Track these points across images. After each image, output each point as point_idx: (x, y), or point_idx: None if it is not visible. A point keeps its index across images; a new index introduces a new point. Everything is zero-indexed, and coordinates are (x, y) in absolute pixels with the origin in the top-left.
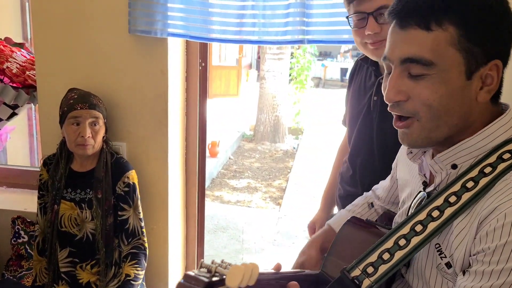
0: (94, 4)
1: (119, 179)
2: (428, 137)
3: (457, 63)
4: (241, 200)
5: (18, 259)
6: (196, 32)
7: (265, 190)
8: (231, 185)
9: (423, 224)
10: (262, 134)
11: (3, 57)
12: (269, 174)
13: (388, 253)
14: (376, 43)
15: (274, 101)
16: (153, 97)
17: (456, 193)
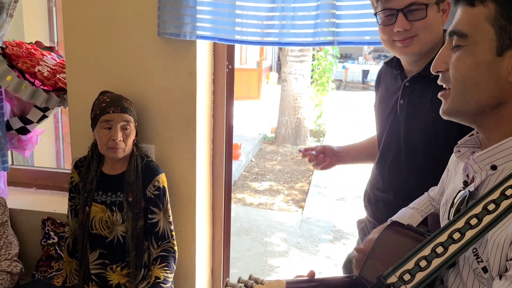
0: (123, 8)
1: (149, 182)
2: (456, 109)
3: (489, 38)
4: (264, 203)
5: (48, 259)
6: (224, 35)
7: (287, 193)
8: (253, 188)
9: (461, 232)
10: (284, 136)
11: (35, 61)
12: (291, 176)
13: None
14: (406, 40)
15: (296, 103)
16: (181, 99)
17: (495, 201)
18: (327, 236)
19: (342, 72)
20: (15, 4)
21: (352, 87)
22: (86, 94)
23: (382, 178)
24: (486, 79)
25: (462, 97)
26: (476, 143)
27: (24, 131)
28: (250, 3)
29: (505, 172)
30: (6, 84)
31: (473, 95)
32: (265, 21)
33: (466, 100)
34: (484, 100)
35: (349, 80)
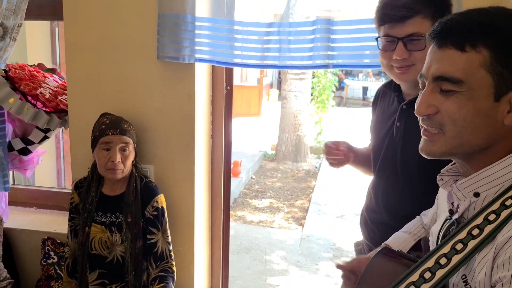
0: (124, 32)
1: (148, 203)
2: (449, 152)
3: (487, 85)
4: (264, 220)
5: (48, 279)
6: (222, 58)
7: (288, 210)
8: (253, 205)
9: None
10: (284, 153)
11: (37, 83)
12: (291, 194)
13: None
14: (403, 68)
15: (296, 121)
16: (180, 121)
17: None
18: (327, 254)
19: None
20: (19, 28)
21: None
22: (86, 116)
23: (377, 199)
24: (485, 124)
25: (457, 141)
26: (458, 171)
27: (25, 152)
28: (248, 28)
29: (487, 198)
30: (9, 106)
31: (469, 139)
32: (263, 45)
33: (461, 143)
34: (479, 143)
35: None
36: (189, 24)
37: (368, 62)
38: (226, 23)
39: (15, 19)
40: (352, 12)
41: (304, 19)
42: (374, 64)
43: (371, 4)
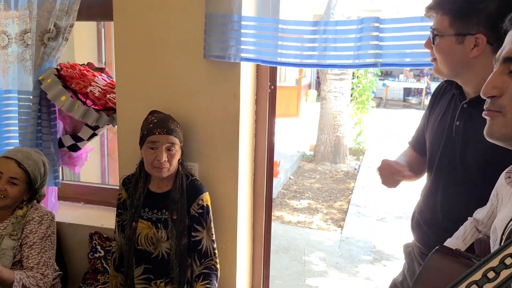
0: (171, 32)
1: (193, 200)
2: (508, 134)
3: None
4: (302, 221)
5: (95, 273)
6: (267, 57)
7: (326, 212)
8: (291, 205)
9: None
10: (323, 154)
11: (87, 82)
12: (329, 195)
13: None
14: (432, 60)
15: (335, 122)
16: (225, 120)
17: None
18: (367, 257)
19: (383, 90)
20: (71, 28)
21: (392, 104)
22: (134, 114)
23: (433, 200)
24: None
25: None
26: None
27: (75, 148)
28: (293, 26)
29: None
30: (61, 104)
31: None
32: (307, 43)
33: None
34: None
35: (390, 97)
36: (235, 24)
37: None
38: (271, 22)
39: (67, 20)
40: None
41: (345, 19)
42: (422, 63)
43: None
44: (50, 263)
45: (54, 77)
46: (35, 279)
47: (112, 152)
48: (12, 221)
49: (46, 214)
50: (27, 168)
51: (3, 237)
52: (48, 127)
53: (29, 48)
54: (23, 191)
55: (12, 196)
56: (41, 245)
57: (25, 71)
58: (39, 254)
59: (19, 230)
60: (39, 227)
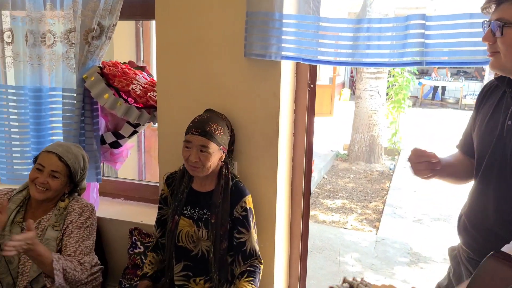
0: (212, 30)
1: (237, 203)
2: None
3: None
4: (336, 221)
5: (134, 268)
6: (308, 55)
7: (361, 212)
8: (325, 205)
9: None
10: (357, 154)
11: (129, 80)
12: (364, 195)
13: None
14: (490, 55)
15: (370, 121)
16: (265, 118)
17: None
18: (404, 259)
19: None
20: (114, 27)
21: (427, 104)
22: (174, 112)
23: (482, 203)
24: None
25: None
26: None
27: (116, 145)
28: (334, 24)
29: None
30: (104, 102)
31: None
32: (350, 41)
33: None
34: None
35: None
36: (277, 22)
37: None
38: (312, 19)
39: (110, 19)
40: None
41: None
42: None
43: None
44: (87, 252)
45: (97, 75)
46: (72, 263)
47: (149, 149)
48: (55, 213)
49: (86, 206)
50: (67, 161)
51: (47, 228)
52: (91, 124)
53: (74, 47)
54: (64, 184)
55: (54, 189)
56: (79, 234)
57: (69, 69)
58: (77, 243)
59: (61, 221)
60: (79, 218)
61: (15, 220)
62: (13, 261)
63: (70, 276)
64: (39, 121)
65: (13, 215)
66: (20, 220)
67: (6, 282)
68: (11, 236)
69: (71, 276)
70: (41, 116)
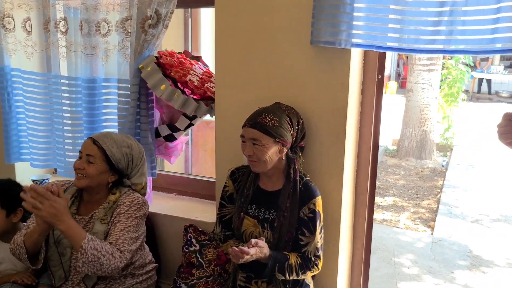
0: (275, 17)
1: (305, 204)
2: None
3: None
4: (388, 219)
5: (189, 266)
6: (381, 42)
7: (413, 210)
8: (375, 202)
9: None
10: (407, 149)
11: (185, 70)
12: (416, 193)
13: None
14: None
15: (422, 115)
16: (332, 111)
17: None
18: (463, 262)
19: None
20: (171, 15)
21: (480, 98)
22: (233, 104)
23: None
24: None
25: None
26: None
27: (171, 138)
28: (413, 8)
29: None
30: (160, 93)
31: None
32: (429, 27)
33: None
34: None
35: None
36: (347, 6)
37: None
38: (387, 2)
39: (168, 6)
40: None
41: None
42: None
43: None
44: (132, 243)
45: (154, 65)
46: (111, 248)
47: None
48: (104, 206)
49: (137, 199)
50: (102, 144)
51: (95, 222)
52: (146, 116)
53: (130, 36)
54: (103, 170)
55: (90, 174)
56: (125, 223)
57: (125, 59)
58: (121, 231)
59: (109, 214)
60: (128, 209)
61: (70, 211)
62: (65, 253)
63: (105, 260)
64: (93, 113)
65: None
66: (73, 212)
67: (58, 275)
68: None
69: (105, 260)
70: (95, 108)
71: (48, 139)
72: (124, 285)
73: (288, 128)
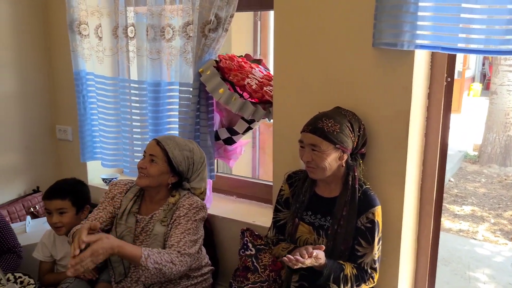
0: (336, 18)
1: (363, 213)
2: None
3: None
4: (464, 230)
5: (245, 270)
6: (449, 43)
7: (494, 221)
8: (451, 211)
9: None
10: (490, 155)
11: (244, 74)
12: (498, 202)
13: None
14: None
15: (508, 119)
16: (393, 116)
17: None
18: None
19: None
20: (231, 18)
21: None
22: (291, 108)
23: None
24: None
25: None
26: None
27: (230, 142)
28: (483, 5)
29: None
30: (219, 96)
31: None
32: (504, 26)
33: None
34: None
35: None
36: (411, 5)
37: None
38: (458, 1)
39: (227, 10)
40: None
41: None
42: None
43: None
44: (191, 245)
45: (213, 69)
46: (170, 255)
47: (263, 145)
48: (164, 208)
49: (196, 202)
50: (165, 146)
51: (155, 223)
52: (206, 120)
53: (191, 40)
54: (164, 171)
55: (152, 174)
56: (185, 226)
57: (186, 63)
58: (181, 234)
59: (169, 216)
60: (187, 212)
61: (131, 210)
62: None
63: (167, 270)
64: (157, 116)
65: (130, 205)
66: (135, 210)
67: (118, 271)
68: (126, 226)
69: (167, 270)
70: (159, 111)
71: (117, 140)
72: (179, 286)
73: (349, 134)
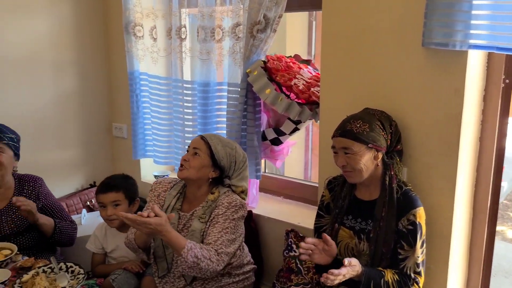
0: (384, 17)
1: (403, 215)
2: None
3: None
4: None
5: (289, 271)
6: (506, 43)
7: None
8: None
9: None
10: None
11: (292, 74)
12: None
13: None
14: None
15: None
16: (443, 119)
17: None
18: None
19: None
20: (279, 19)
21: None
22: (337, 109)
23: None
24: None
25: None
26: None
27: (277, 142)
28: None
29: None
30: (265, 97)
31: None
32: None
33: None
34: None
35: None
36: (465, 4)
37: None
38: None
39: (276, 11)
40: None
41: None
42: None
43: None
44: (229, 244)
45: (260, 70)
46: (209, 252)
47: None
48: (203, 205)
49: (235, 201)
50: (208, 140)
51: (194, 220)
52: (253, 120)
53: (240, 41)
54: (206, 164)
55: (193, 166)
56: (223, 225)
57: (235, 63)
58: (219, 233)
59: (208, 213)
60: (226, 210)
61: (175, 206)
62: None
63: (204, 265)
64: (206, 115)
65: (174, 202)
66: (178, 207)
67: (161, 266)
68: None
69: (204, 265)
70: (208, 110)
71: (169, 138)
72: (220, 283)
73: (380, 132)
